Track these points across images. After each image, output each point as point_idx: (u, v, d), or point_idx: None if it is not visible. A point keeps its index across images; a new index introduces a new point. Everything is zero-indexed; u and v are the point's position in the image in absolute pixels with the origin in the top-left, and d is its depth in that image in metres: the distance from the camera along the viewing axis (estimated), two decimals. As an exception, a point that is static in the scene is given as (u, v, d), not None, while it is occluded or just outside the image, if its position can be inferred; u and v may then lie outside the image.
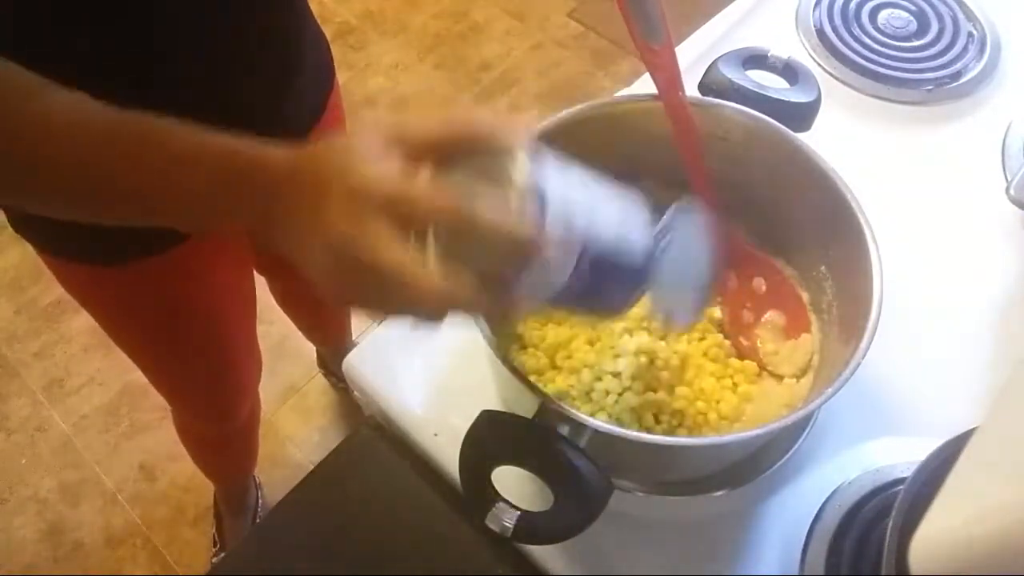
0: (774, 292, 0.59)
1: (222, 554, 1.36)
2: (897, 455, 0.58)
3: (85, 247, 0.70)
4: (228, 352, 0.93)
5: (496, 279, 0.36)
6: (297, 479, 0.61)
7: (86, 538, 1.41)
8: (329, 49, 0.82)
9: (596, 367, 0.53)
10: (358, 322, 1.52)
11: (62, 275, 0.76)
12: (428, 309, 0.36)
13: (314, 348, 1.53)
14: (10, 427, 1.51)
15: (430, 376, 0.62)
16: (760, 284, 0.59)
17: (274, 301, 1.22)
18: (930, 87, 0.79)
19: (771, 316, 0.59)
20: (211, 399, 1.01)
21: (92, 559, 1.39)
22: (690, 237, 0.46)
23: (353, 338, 1.44)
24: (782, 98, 0.57)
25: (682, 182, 0.60)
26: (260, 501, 1.39)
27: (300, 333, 1.39)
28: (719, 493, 0.56)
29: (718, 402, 0.54)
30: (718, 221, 0.59)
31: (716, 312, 0.58)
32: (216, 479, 1.34)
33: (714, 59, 0.59)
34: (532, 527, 0.43)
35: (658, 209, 0.62)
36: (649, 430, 0.52)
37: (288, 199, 0.39)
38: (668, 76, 0.54)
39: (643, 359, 0.53)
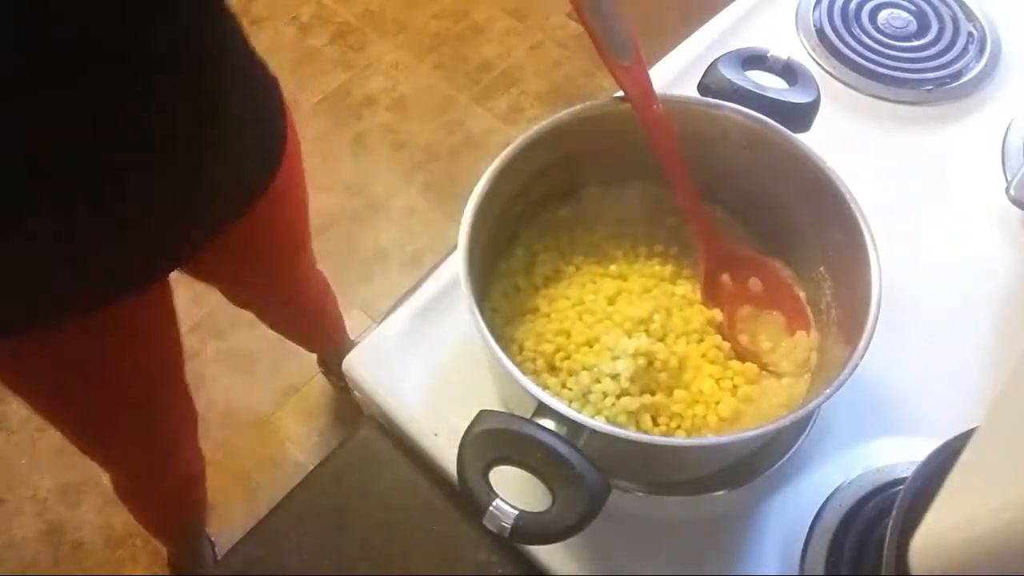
0: (771, 292, 0.59)
1: None
2: (897, 455, 0.58)
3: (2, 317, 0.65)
4: (155, 409, 0.89)
5: None
6: (297, 479, 0.62)
7: (86, 538, 1.41)
8: (279, 101, 0.75)
9: (594, 369, 0.53)
10: (355, 323, 1.52)
11: None
12: None
13: (314, 348, 1.53)
14: (10, 427, 1.51)
15: (430, 376, 0.62)
16: (756, 284, 0.59)
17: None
18: (930, 87, 0.79)
19: (769, 315, 0.59)
20: (142, 457, 0.96)
21: (92, 559, 1.39)
22: None
23: (352, 338, 1.44)
24: (781, 98, 0.57)
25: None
26: (215, 559, 1.35)
27: (300, 334, 1.39)
28: (719, 493, 0.56)
29: (717, 403, 0.54)
30: (710, 224, 0.59)
31: (716, 315, 0.58)
32: (163, 539, 1.31)
33: (713, 59, 0.59)
34: (530, 527, 0.43)
35: (659, 210, 0.62)
36: (647, 432, 0.52)
37: None
38: (641, 92, 0.54)
39: (641, 361, 0.52)
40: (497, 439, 0.45)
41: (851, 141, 0.75)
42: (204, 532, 1.34)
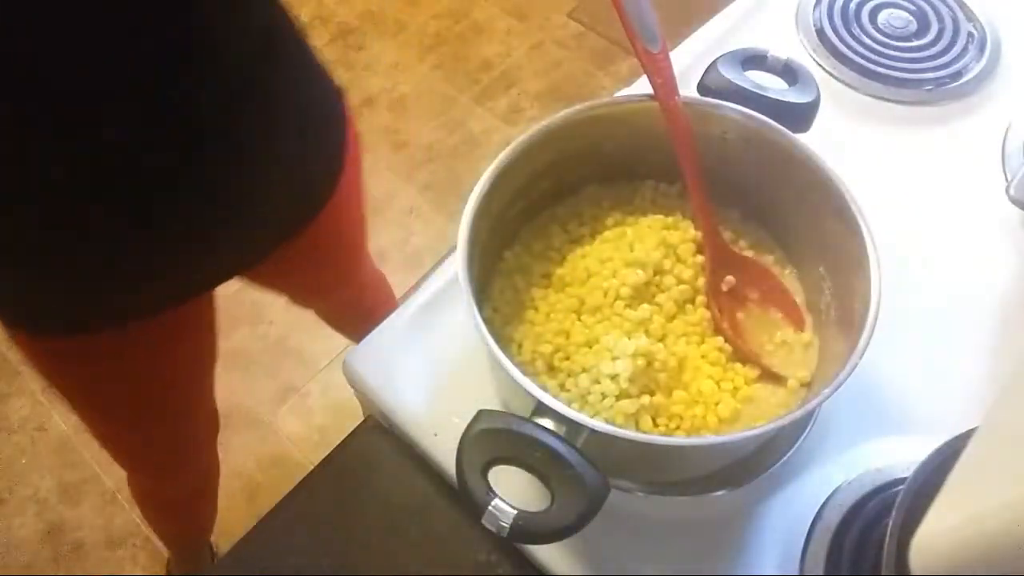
0: (769, 293, 0.59)
1: None
2: (897, 455, 0.58)
3: (45, 320, 0.67)
4: (183, 415, 0.91)
5: None
6: (297, 479, 0.62)
7: (86, 538, 1.41)
8: (341, 110, 0.76)
9: (593, 370, 0.53)
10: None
11: (22, 347, 0.71)
12: None
13: (314, 348, 1.53)
14: (10, 427, 1.51)
15: (430, 376, 0.62)
16: (757, 286, 0.59)
17: (272, 301, 1.22)
18: (930, 87, 0.79)
19: (770, 316, 0.59)
20: (167, 460, 0.98)
21: (92, 559, 1.39)
22: None
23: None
24: (781, 98, 0.57)
25: (682, 181, 0.60)
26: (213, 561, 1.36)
27: (300, 333, 1.39)
28: (719, 493, 0.56)
29: (717, 404, 0.54)
30: (716, 223, 0.59)
31: (717, 315, 0.58)
32: (172, 543, 1.31)
33: (713, 59, 0.59)
34: (529, 527, 0.43)
35: (659, 210, 0.62)
36: (647, 432, 0.52)
37: None
38: (665, 80, 0.55)
39: (641, 361, 0.52)
40: (496, 439, 0.45)
41: (851, 141, 0.75)
42: (208, 540, 1.34)
